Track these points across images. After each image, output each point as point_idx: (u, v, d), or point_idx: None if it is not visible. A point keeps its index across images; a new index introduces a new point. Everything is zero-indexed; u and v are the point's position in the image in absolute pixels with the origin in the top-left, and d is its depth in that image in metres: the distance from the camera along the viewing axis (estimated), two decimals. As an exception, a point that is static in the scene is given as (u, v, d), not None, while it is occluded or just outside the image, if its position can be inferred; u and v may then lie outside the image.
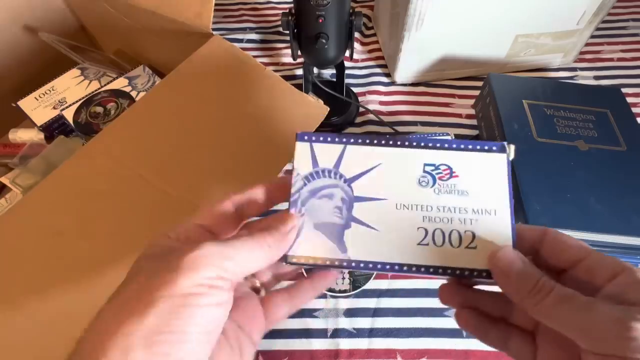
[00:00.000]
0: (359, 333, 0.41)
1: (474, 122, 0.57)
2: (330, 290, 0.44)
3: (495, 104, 0.47)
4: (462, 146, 0.24)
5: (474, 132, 0.55)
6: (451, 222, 0.23)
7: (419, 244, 0.22)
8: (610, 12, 0.56)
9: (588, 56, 0.65)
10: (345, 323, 0.42)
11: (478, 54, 0.59)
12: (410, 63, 0.59)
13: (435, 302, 0.43)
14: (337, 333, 0.41)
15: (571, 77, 0.63)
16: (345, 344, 0.41)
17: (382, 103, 0.61)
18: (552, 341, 0.21)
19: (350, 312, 0.43)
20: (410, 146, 0.24)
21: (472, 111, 0.57)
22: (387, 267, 0.22)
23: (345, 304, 0.43)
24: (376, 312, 0.43)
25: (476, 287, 0.24)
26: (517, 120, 0.45)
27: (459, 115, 0.59)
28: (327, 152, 0.24)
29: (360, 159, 0.24)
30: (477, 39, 0.56)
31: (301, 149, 0.25)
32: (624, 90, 0.51)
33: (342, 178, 0.24)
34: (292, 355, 0.40)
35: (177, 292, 0.17)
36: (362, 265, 0.23)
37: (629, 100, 0.49)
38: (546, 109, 0.47)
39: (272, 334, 0.41)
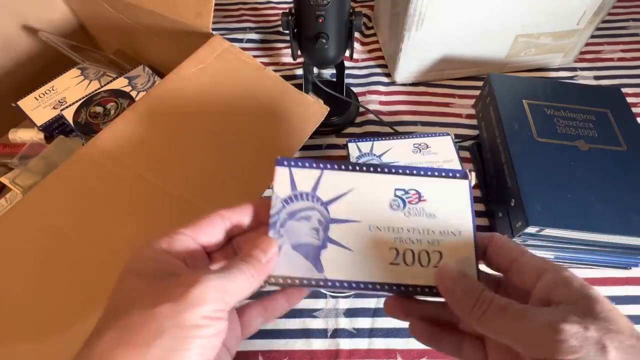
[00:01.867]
0: (359, 333, 0.41)
1: (474, 122, 0.57)
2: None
3: (495, 104, 0.47)
4: (429, 173, 0.26)
5: (474, 132, 0.55)
6: (420, 242, 0.24)
7: (391, 263, 0.24)
8: (610, 12, 0.56)
9: (588, 56, 0.65)
10: (345, 323, 0.42)
11: (478, 54, 0.59)
12: (410, 63, 0.59)
13: (435, 302, 0.43)
14: (337, 333, 0.41)
15: (571, 77, 0.63)
16: (345, 344, 0.41)
17: (382, 103, 0.61)
18: (498, 347, 0.22)
19: (350, 312, 0.43)
20: (382, 172, 0.26)
21: (472, 111, 0.57)
22: (362, 285, 0.23)
23: (345, 304, 0.43)
24: (376, 312, 0.42)
25: (421, 298, 0.25)
26: (517, 120, 0.45)
27: (459, 115, 0.59)
28: (305, 176, 0.25)
29: (336, 184, 0.25)
30: (477, 39, 0.56)
31: (281, 174, 0.25)
32: (624, 90, 0.50)
33: (319, 201, 0.25)
34: (292, 355, 0.40)
35: (185, 323, 0.17)
36: (337, 284, 0.23)
37: (629, 100, 0.49)
38: (546, 109, 0.47)
39: (272, 334, 0.41)
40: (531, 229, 0.38)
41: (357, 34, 0.69)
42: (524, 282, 0.21)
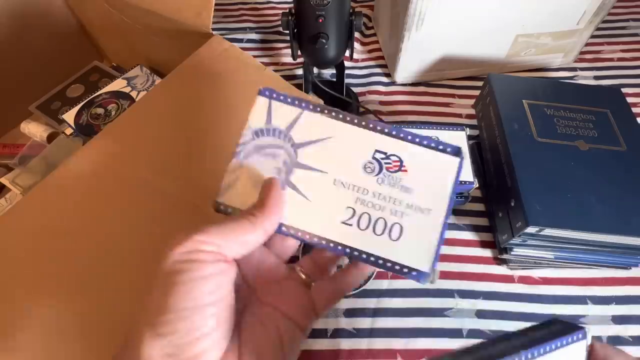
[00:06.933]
0: (359, 333, 0.41)
1: (474, 122, 0.57)
2: (330, 290, 0.43)
3: (495, 104, 0.47)
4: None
5: (474, 132, 0.55)
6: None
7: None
8: (610, 12, 0.56)
9: (588, 56, 0.65)
10: (345, 323, 0.42)
11: (478, 54, 0.59)
12: (410, 63, 0.59)
13: (435, 302, 0.43)
14: (337, 333, 0.41)
15: (571, 77, 0.63)
16: (345, 344, 0.41)
17: (382, 103, 0.61)
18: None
19: (350, 312, 0.43)
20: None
21: (472, 111, 0.57)
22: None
23: (345, 304, 0.43)
24: (376, 312, 0.43)
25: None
26: (517, 120, 0.45)
27: (459, 115, 0.59)
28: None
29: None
30: (477, 39, 0.56)
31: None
32: (624, 90, 0.50)
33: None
34: (292, 355, 0.40)
35: (161, 272, 0.18)
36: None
37: (629, 100, 0.49)
38: (546, 109, 0.47)
39: (272, 334, 0.41)
40: (531, 229, 0.38)
41: (357, 34, 0.69)
42: None
